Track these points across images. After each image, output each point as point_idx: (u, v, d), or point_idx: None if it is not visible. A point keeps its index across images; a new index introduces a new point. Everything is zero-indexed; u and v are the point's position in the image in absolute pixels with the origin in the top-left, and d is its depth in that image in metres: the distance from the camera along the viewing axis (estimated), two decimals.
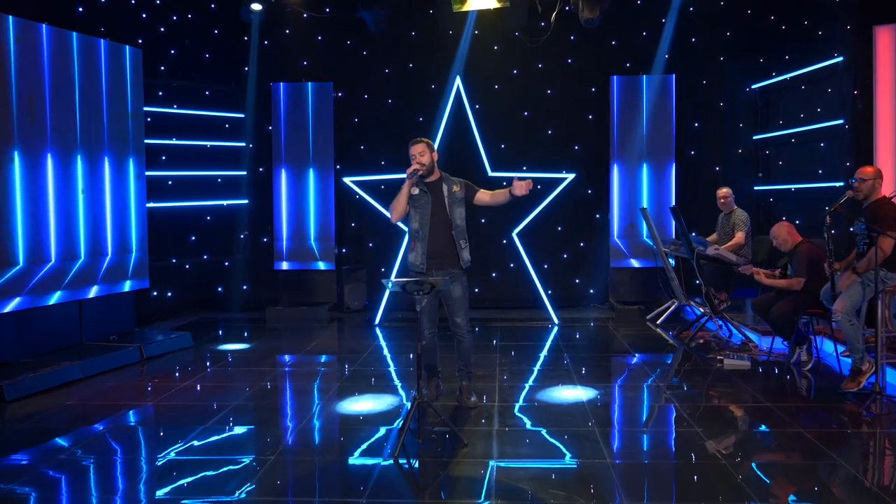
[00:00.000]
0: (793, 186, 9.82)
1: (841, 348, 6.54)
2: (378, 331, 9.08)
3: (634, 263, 10.23)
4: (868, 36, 8.02)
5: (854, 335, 5.73)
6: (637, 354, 7.60)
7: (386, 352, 7.98)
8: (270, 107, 10.32)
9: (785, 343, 7.10)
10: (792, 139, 9.86)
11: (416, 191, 5.49)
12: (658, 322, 9.16)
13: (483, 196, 5.63)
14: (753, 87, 10.44)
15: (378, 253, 10.52)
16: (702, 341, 8.06)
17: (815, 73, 9.30)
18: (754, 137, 10.51)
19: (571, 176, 9.82)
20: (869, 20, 8.04)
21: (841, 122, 8.69)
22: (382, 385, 6.47)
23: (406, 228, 5.95)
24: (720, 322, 8.36)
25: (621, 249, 10.24)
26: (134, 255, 8.14)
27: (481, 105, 10.10)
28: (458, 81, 9.75)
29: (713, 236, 9.24)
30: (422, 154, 5.47)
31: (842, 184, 8.57)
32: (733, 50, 10.37)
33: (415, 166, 5.43)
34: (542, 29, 9.91)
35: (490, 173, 9.66)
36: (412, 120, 10.34)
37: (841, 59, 8.66)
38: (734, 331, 8.13)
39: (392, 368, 7.21)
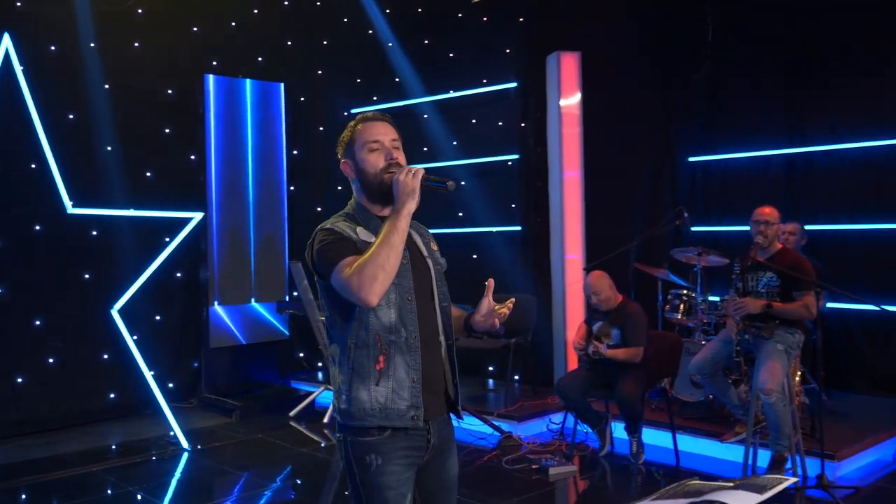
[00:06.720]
0: None
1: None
2: None
3: (241, 339, 7.34)
4: (540, 63, 6.99)
5: (786, 418, 4.49)
6: None
7: None
8: None
9: (571, 428, 5.54)
10: None
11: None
12: (326, 419, 6.48)
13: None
14: (353, 111, 8.61)
15: None
16: None
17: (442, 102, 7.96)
18: None
19: (199, 216, 6.32)
20: (543, 46, 7.02)
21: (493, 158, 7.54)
22: None
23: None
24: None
25: (223, 320, 7.20)
26: None
27: None
28: (6, 42, 5.36)
29: None
30: (395, 144, 2.39)
31: (493, 228, 7.43)
32: (332, 62, 8.39)
33: (417, 170, 2.26)
34: None
35: (70, 209, 5.56)
36: None
37: (487, 89, 7.52)
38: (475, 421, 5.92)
39: None
